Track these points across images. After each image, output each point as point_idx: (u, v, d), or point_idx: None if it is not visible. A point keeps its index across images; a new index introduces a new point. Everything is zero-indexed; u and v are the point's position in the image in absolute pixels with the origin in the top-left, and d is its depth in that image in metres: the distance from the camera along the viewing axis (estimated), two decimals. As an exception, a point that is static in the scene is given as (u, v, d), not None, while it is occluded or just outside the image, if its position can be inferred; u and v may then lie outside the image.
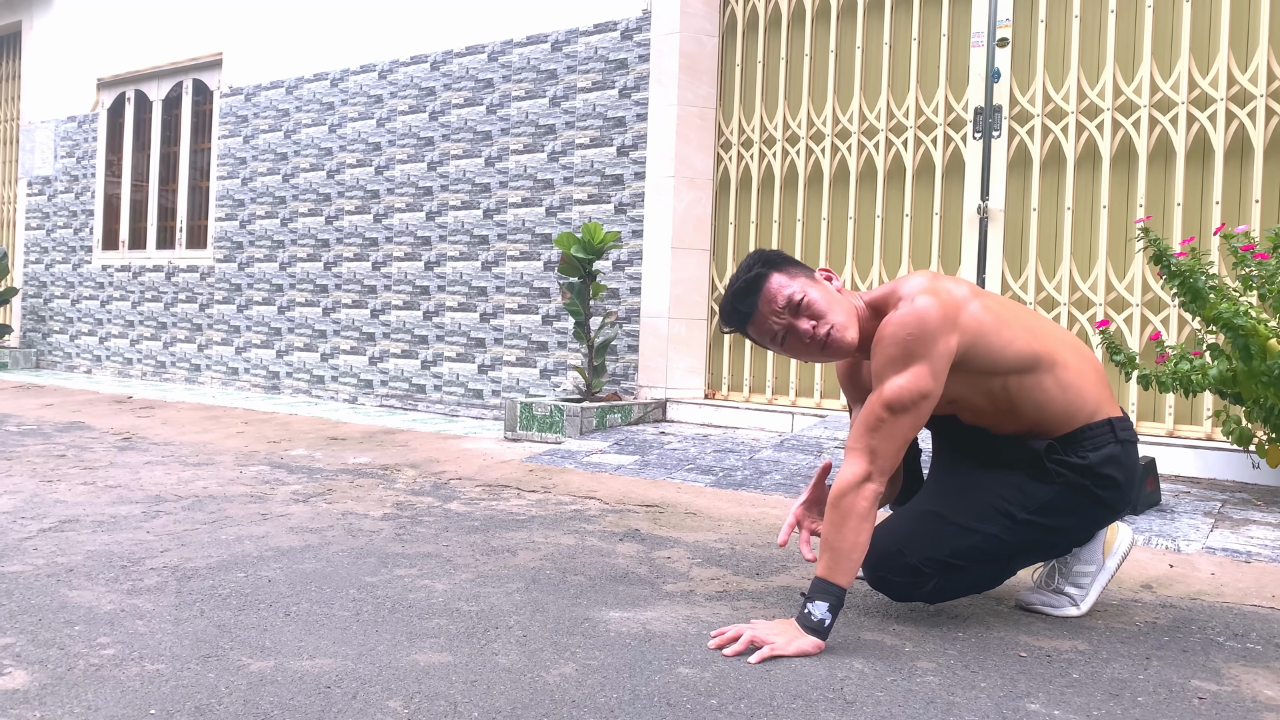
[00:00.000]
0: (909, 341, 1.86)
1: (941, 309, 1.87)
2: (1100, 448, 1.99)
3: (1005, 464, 2.03)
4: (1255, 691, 1.72)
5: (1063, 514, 2.01)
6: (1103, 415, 2.01)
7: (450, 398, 5.63)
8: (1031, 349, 1.96)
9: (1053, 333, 2.05)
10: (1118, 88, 3.84)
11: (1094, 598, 2.13)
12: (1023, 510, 1.99)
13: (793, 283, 1.96)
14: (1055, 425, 2.00)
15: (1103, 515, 2.05)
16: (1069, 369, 1.99)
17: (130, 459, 3.97)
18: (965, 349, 1.91)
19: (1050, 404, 1.98)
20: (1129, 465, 2.03)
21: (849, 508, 1.85)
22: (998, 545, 2.00)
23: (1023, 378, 1.96)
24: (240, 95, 6.84)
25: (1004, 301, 2.05)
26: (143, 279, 7.51)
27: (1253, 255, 2.89)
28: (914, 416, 1.87)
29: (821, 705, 1.61)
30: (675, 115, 4.78)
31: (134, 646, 1.79)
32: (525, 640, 1.89)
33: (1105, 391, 2.05)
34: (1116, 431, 2.01)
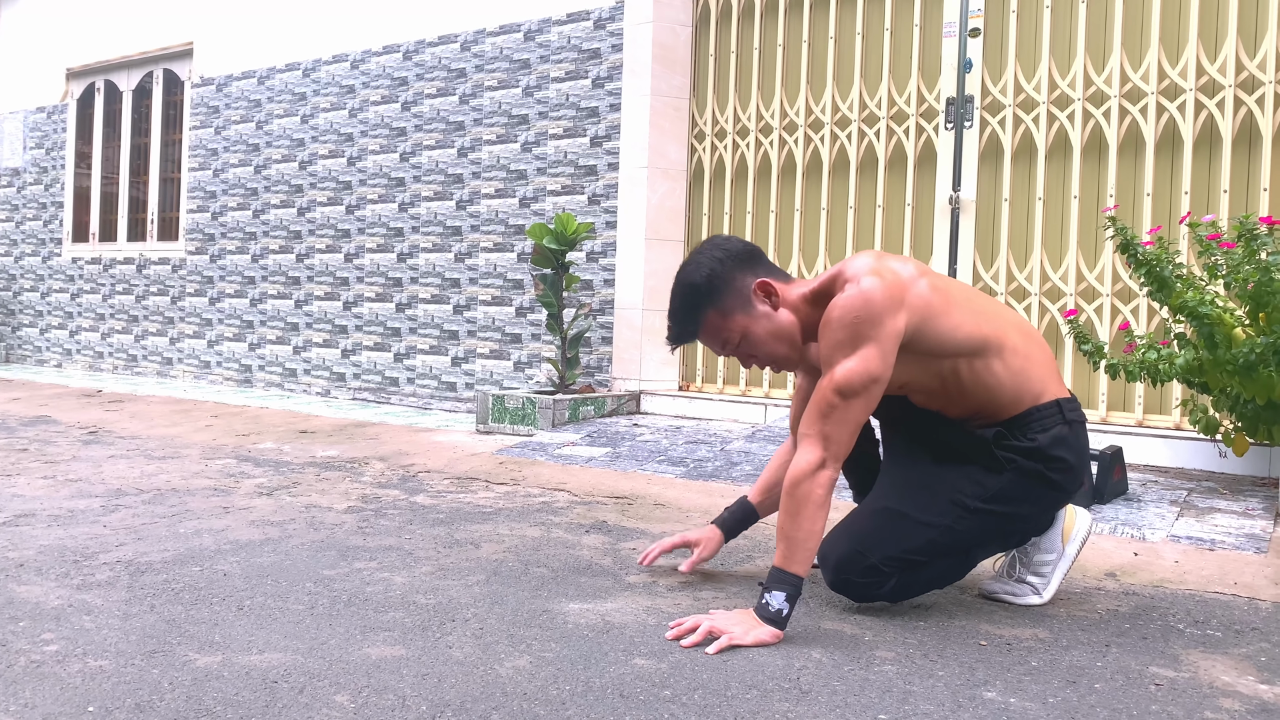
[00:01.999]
0: (856, 324, 1.84)
1: (887, 289, 1.85)
2: (1048, 429, 1.98)
3: (958, 455, 2.02)
4: (1212, 678, 1.72)
5: (1017, 501, 2.00)
6: (1049, 397, 2.00)
7: (423, 390, 5.59)
8: (980, 332, 1.95)
9: (1000, 314, 2.04)
10: (1088, 78, 3.84)
11: (1056, 585, 2.12)
12: (977, 500, 1.98)
13: (727, 324, 1.98)
14: (1003, 408, 1.99)
15: (1057, 498, 2.04)
16: (1017, 352, 1.99)
17: (94, 453, 3.91)
18: (914, 329, 1.89)
19: (999, 387, 1.97)
20: (1078, 446, 2.02)
21: (804, 496, 1.84)
22: (954, 538, 1.99)
23: (972, 360, 1.95)
24: (211, 86, 6.76)
25: (951, 282, 2.04)
26: (113, 271, 7.42)
27: (1219, 244, 2.90)
28: (865, 400, 1.85)
29: (776, 695, 1.59)
30: (649, 105, 4.75)
31: (78, 643, 1.76)
32: (481, 633, 1.86)
33: (1052, 373, 2.04)
34: (1064, 412, 2.00)
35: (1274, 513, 2.79)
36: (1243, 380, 2.82)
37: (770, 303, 1.99)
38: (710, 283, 1.97)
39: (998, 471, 1.98)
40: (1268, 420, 2.95)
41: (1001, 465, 1.98)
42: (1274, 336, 2.69)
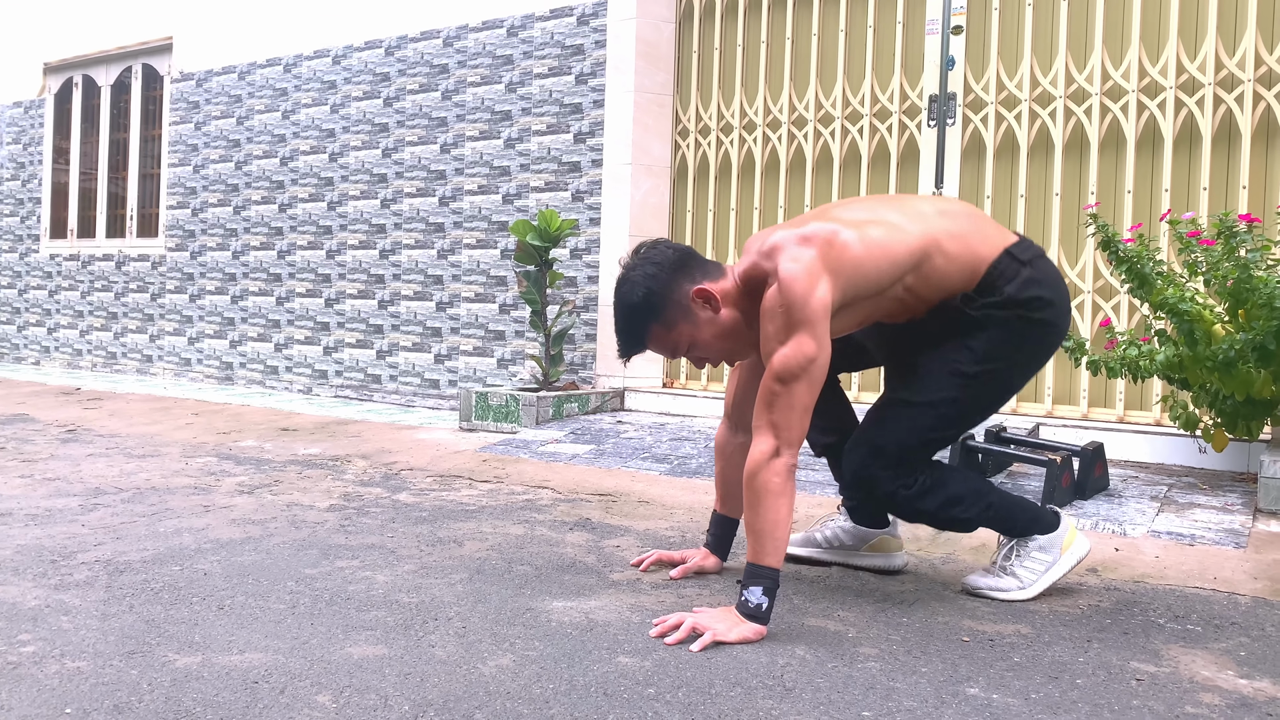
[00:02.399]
0: (783, 314, 1.86)
1: (806, 271, 1.86)
2: (1011, 279, 1.98)
3: (939, 336, 2.03)
4: (1193, 672, 1.73)
5: (1011, 350, 2.00)
6: (998, 251, 1.99)
7: (406, 388, 5.56)
8: (912, 246, 1.95)
9: (921, 210, 2.03)
10: (1070, 76, 3.85)
11: (1042, 586, 2.13)
12: (973, 364, 1.98)
13: (672, 335, 2.01)
14: (963, 286, 1.99)
15: (1049, 338, 2.03)
16: (952, 236, 1.98)
17: (73, 451, 3.87)
18: (847, 286, 1.90)
19: (951, 275, 1.98)
20: (1048, 279, 2.01)
21: (762, 486, 1.84)
22: (961, 409, 2.01)
23: (917, 271, 1.96)
24: (191, 81, 6.71)
25: (871, 206, 2.04)
26: (92, 268, 7.35)
27: (1198, 241, 2.91)
28: (807, 381, 1.85)
29: (760, 692, 1.59)
30: (633, 102, 4.74)
31: (56, 643, 1.74)
32: (464, 631, 1.85)
33: (989, 231, 2.03)
34: (1018, 257, 2.00)
35: (1253, 508, 2.81)
36: (1222, 376, 2.84)
37: (710, 307, 2.00)
38: (648, 301, 1.98)
39: (982, 329, 1.98)
40: (1246, 416, 2.97)
41: (983, 322, 1.98)
42: (1253, 333, 2.71)
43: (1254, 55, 3.50)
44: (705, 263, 2.05)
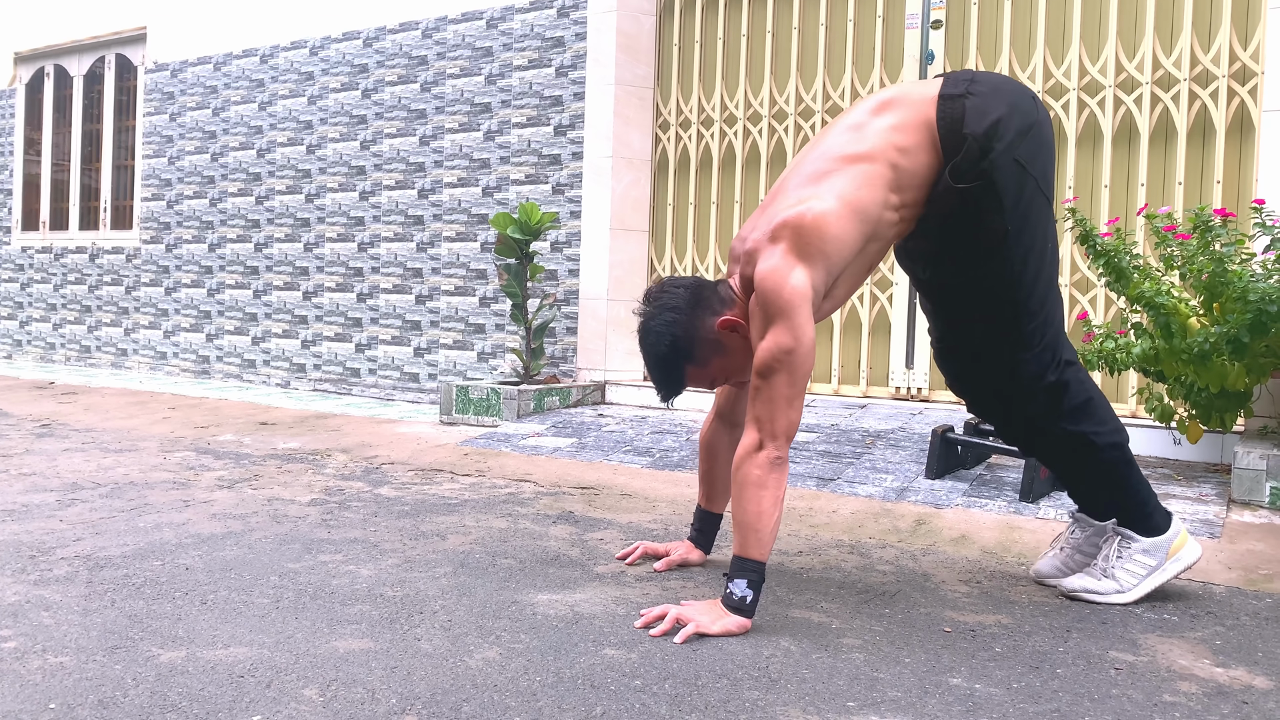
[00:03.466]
0: (760, 311, 1.87)
1: (775, 267, 1.85)
2: (962, 120, 1.90)
3: (954, 250, 2.00)
4: (1170, 661, 1.75)
5: (1021, 211, 1.93)
6: (933, 113, 1.93)
7: (385, 381, 5.54)
8: (878, 174, 1.91)
9: (861, 123, 1.97)
10: (1048, 71, 3.89)
11: (1143, 591, 2.06)
12: (1006, 257, 1.94)
13: (708, 372, 2.02)
14: (937, 163, 1.93)
15: (1036, 138, 1.93)
16: (896, 129, 1.93)
17: (48, 446, 3.83)
18: (833, 253, 1.88)
19: (920, 163, 1.93)
20: (990, 96, 1.92)
21: (744, 479, 1.85)
22: (1020, 308, 1.97)
23: (896, 188, 1.92)
24: (166, 71, 6.63)
25: (823, 149, 1.97)
26: (65, 261, 7.26)
27: (1174, 235, 2.95)
28: (786, 373, 1.84)
29: (746, 684, 1.60)
30: (613, 95, 4.73)
31: (37, 639, 1.72)
32: (449, 625, 1.85)
33: (918, 94, 1.97)
34: (951, 99, 1.92)
35: (1226, 498, 2.86)
36: (1197, 369, 2.88)
37: (739, 333, 1.99)
38: (675, 348, 1.98)
39: (986, 193, 1.90)
40: (1221, 408, 3.01)
41: (984, 189, 1.90)
42: (1227, 326, 2.75)
43: (1228, 51, 3.54)
44: (716, 289, 2.03)
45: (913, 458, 3.32)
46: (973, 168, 1.90)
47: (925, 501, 2.89)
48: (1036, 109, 1.97)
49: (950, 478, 3.10)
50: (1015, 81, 2.02)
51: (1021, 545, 2.52)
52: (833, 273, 1.91)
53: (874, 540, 2.60)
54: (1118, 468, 2.06)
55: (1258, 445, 2.92)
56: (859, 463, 3.30)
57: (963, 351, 2.09)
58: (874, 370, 4.29)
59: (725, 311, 1.99)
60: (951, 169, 1.91)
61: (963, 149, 1.90)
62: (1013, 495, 2.91)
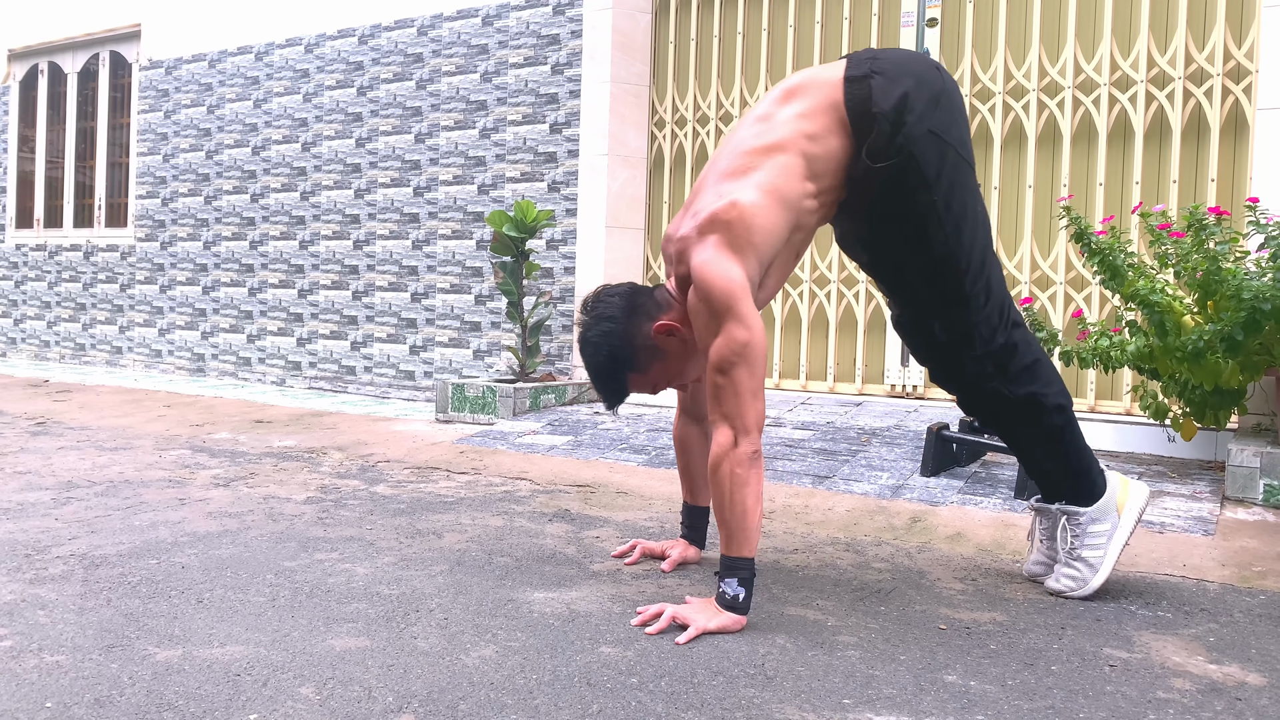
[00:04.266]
0: (705, 308, 1.86)
1: (711, 261, 1.84)
2: (869, 100, 1.90)
3: (887, 229, 2.00)
4: (1164, 658, 1.76)
5: (945, 180, 1.92)
6: (843, 93, 1.92)
7: (381, 379, 5.54)
8: (795, 165, 1.91)
9: (769, 114, 1.97)
10: (1043, 69, 3.89)
11: (1114, 556, 2.06)
12: (939, 228, 1.93)
13: (649, 377, 2.02)
14: (849, 145, 1.93)
15: (945, 107, 1.93)
16: (808, 119, 1.92)
17: (43, 444, 3.83)
18: (761, 244, 1.87)
19: (832, 149, 1.93)
20: (893, 73, 1.91)
21: (725, 478, 1.84)
22: (958, 257, 1.96)
23: (811, 176, 1.93)
24: (160, 69, 6.62)
25: (738, 142, 1.96)
26: (59, 259, 7.25)
27: (1169, 234, 2.96)
28: (745, 366, 1.83)
29: (742, 681, 1.60)
30: (609, 92, 4.73)
31: (33, 637, 1.72)
32: (446, 623, 1.85)
33: (825, 77, 1.95)
34: (854, 77, 1.92)
35: (1220, 496, 2.87)
36: (1191, 366, 2.89)
37: (676, 336, 1.99)
38: (614, 357, 1.98)
39: (905, 169, 1.90)
40: (1214, 405, 3.02)
41: (902, 167, 1.90)
42: (1221, 324, 2.76)
43: (1223, 50, 3.55)
44: (652, 293, 2.03)
45: (908, 455, 3.32)
46: (888, 145, 1.90)
47: (920, 499, 2.90)
48: (942, 78, 1.97)
49: (945, 475, 3.11)
50: (917, 54, 2.02)
51: (1016, 543, 2.52)
52: (764, 263, 1.91)
53: (869, 538, 2.60)
54: (1063, 432, 2.07)
55: (1251, 443, 2.93)
56: (854, 460, 3.31)
57: (918, 323, 2.09)
58: (869, 368, 4.29)
59: (661, 316, 2.00)
60: (868, 150, 1.91)
61: (874, 128, 1.90)
62: (1008, 493, 2.91)
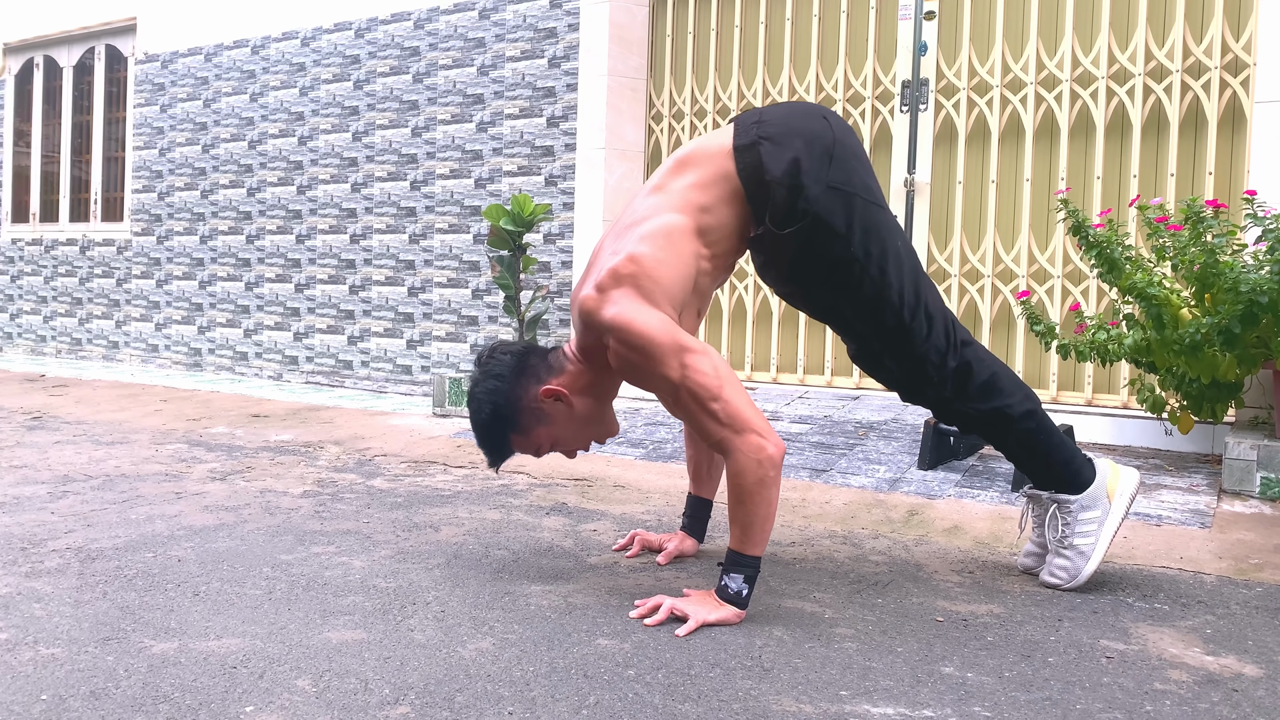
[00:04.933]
0: (644, 357, 1.82)
1: (628, 310, 1.83)
2: (759, 166, 1.89)
3: (813, 285, 2.00)
4: (1161, 650, 1.76)
5: (859, 230, 1.91)
6: (731, 158, 1.92)
7: (378, 374, 5.53)
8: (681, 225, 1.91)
9: (661, 184, 1.97)
10: (1040, 62, 3.89)
11: (1105, 544, 2.05)
12: (863, 275, 1.93)
13: (531, 440, 2.00)
14: (745, 213, 1.93)
15: (845, 165, 1.92)
16: (700, 189, 1.93)
17: (39, 438, 3.82)
18: (670, 289, 1.87)
19: (724, 218, 1.93)
20: (779, 137, 1.90)
21: (758, 484, 1.79)
22: (892, 303, 1.97)
23: (703, 239, 1.93)
24: (156, 62, 6.60)
25: (632, 211, 1.97)
26: (55, 253, 7.23)
27: (1166, 227, 2.95)
28: (724, 381, 1.82)
29: (739, 673, 1.60)
30: (606, 86, 4.72)
31: (29, 630, 1.72)
32: (443, 616, 1.85)
33: (715, 144, 1.95)
34: (741, 145, 1.91)
35: (1217, 489, 2.87)
36: (1188, 360, 2.89)
37: (563, 403, 1.97)
38: (497, 415, 1.96)
39: (815, 229, 1.90)
40: (1212, 399, 3.02)
41: (811, 229, 1.90)
42: (1219, 317, 2.76)
43: (1220, 43, 3.55)
44: (546, 355, 2.01)
45: (905, 449, 3.32)
46: (791, 211, 1.90)
47: (918, 492, 2.90)
48: (831, 128, 1.95)
49: (943, 469, 3.11)
50: (803, 107, 2.01)
51: (1013, 536, 2.52)
52: (676, 309, 1.90)
53: (866, 531, 2.60)
54: (1036, 435, 2.07)
55: (1248, 436, 2.93)
56: (851, 454, 3.31)
57: (870, 358, 2.10)
58: (867, 362, 4.29)
59: (551, 380, 1.97)
60: (771, 217, 1.91)
61: (772, 196, 1.89)
62: (1004, 486, 2.91)
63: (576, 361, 1.99)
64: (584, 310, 1.90)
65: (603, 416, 2.05)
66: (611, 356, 1.89)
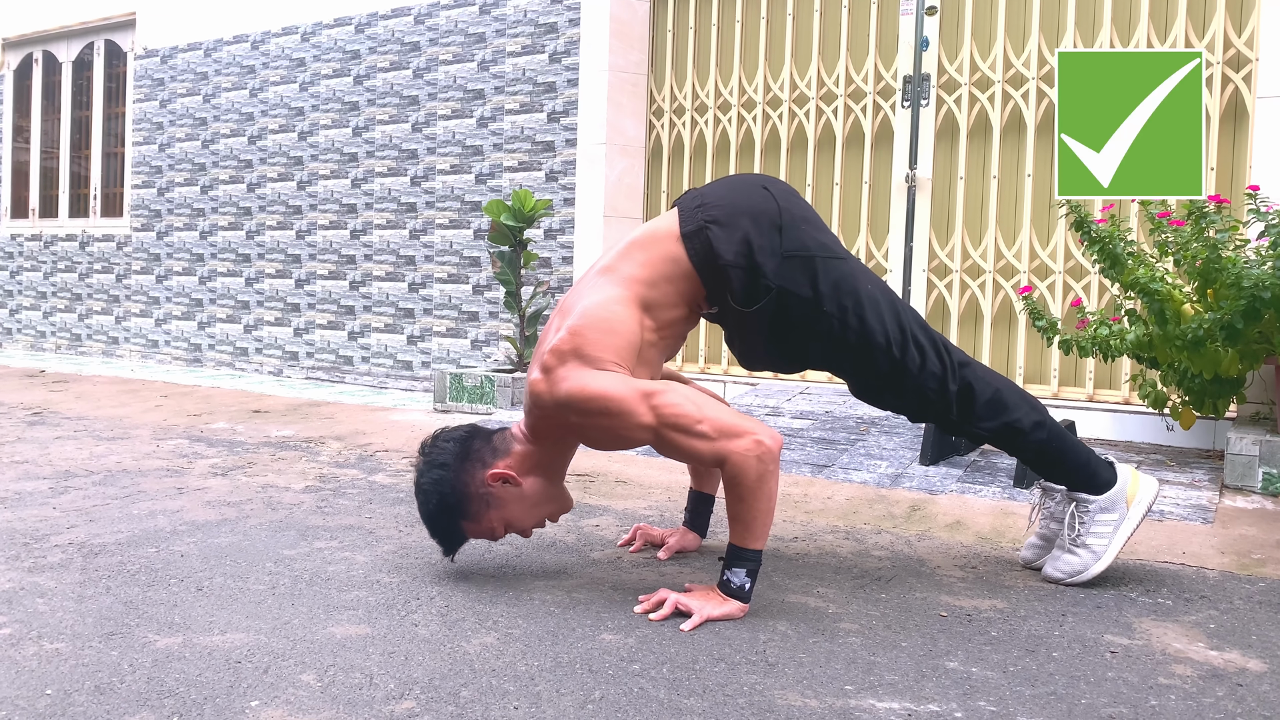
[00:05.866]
0: (609, 417, 1.82)
1: (577, 375, 1.83)
2: (712, 251, 1.90)
3: (795, 347, 2.00)
4: (1165, 645, 1.76)
5: (827, 289, 1.92)
6: (680, 245, 1.93)
7: (379, 369, 5.53)
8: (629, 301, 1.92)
9: (619, 273, 1.96)
10: (1042, 58, 3.88)
11: (1117, 548, 2.05)
12: (842, 328, 1.94)
13: (483, 525, 1.96)
14: (698, 298, 1.96)
15: (796, 233, 1.93)
16: (647, 267, 1.94)
17: (40, 434, 3.81)
18: (622, 360, 1.87)
19: (666, 308, 1.94)
20: (726, 221, 1.90)
21: (758, 481, 1.79)
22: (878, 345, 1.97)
23: (650, 314, 1.94)
24: (156, 58, 6.58)
25: (577, 293, 1.99)
26: (55, 249, 7.22)
27: (1169, 222, 2.95)
28: (694, 404, 1.82)
29: (744, 668, 1.60)
30: (607, 81, 4.72)
31: (33, 625, 1.72)
32: (446, 611, 1.85)
33: (663, 235, 1.96)
34: (687, 233, 1.92)
35: (1219, 484, 2.87)
36: (1191, 355, 2.89)
37: (510, 484, 1.95)
38: (444, 504, 1.93)
39: (786, 302, 1.92)
40: (1213, 394, 3.02)
41: (778, 303, 1.91)
42: (1221, 312, 2.76)
43: (1223, 38, 3.54)
44: (492, 436, 1.99)
45: (907, 444, 3.32)
46: (754, 289, 1.91)
47: (920, 488, 2.90)
48: (774, 197, 1.95)
49: (944, 464, 3.11)
50: (740, 180, 2.02)
51: (1016, 531, 2.52)
52: (626, 371, 1.89)
53: (869, 526, 2.60)
54: (1049, 444, 2.07)
55: (1250, 431, 2.93)
56: (853, 449, 3.31)
57: (872, 394, 2.11)
58: (868, 357, 4.29)
59: (497, 462, 1.95)
60: (733, 297, 1.92)
61: (728, 278, 1.90)
62: (1006, 481, 2.91)
63: (525, 441, 1.97)
64: (534, 394, 1.90)
65: (555, 495, 2.01)
66: (577, 434, 1.90)
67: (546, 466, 1.99)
